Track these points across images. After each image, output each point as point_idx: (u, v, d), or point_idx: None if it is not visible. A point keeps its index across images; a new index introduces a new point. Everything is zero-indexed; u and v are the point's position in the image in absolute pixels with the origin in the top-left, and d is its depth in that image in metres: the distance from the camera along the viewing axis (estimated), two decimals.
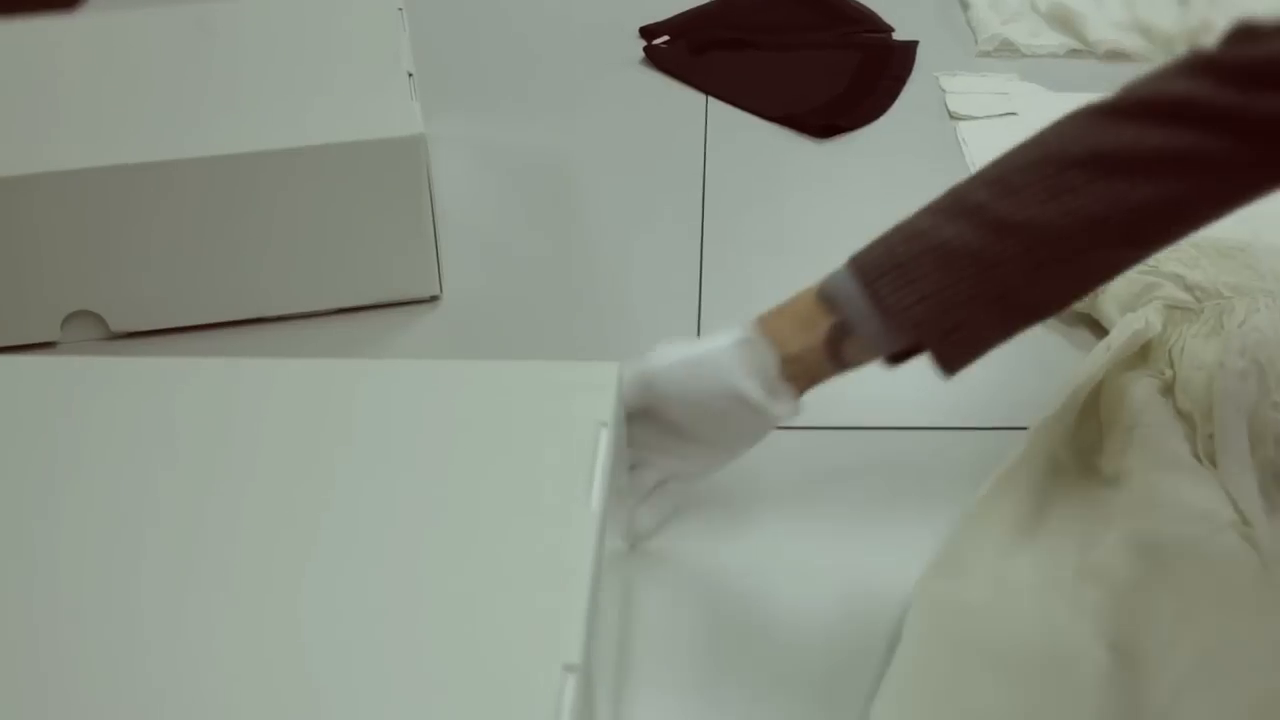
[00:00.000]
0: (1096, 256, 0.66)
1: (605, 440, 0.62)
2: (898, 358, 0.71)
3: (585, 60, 1.39)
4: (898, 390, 0.87)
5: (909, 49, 1.38)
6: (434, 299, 0.97)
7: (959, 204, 0.67)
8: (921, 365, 0.70)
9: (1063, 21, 1.42)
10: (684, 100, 1.29)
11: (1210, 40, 1.36)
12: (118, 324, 0.94)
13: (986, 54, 1.39)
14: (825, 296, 0.70)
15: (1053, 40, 1.40)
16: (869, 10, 1.48)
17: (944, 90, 1.29)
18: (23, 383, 0.68)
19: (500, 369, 0.67)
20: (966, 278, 0.66)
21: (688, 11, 1.49)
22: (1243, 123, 0.62)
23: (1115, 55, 1.37)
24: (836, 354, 0.70)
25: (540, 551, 0.55)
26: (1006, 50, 1.38)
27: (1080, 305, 0.92)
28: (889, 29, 1.44)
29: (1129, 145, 0.64)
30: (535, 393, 0.65)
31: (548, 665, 0.50)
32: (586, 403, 0.64)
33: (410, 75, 0.98)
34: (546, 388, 0.65)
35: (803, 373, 0.71)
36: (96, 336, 0.94)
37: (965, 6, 1.50)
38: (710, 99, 1.29)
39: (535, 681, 0.50)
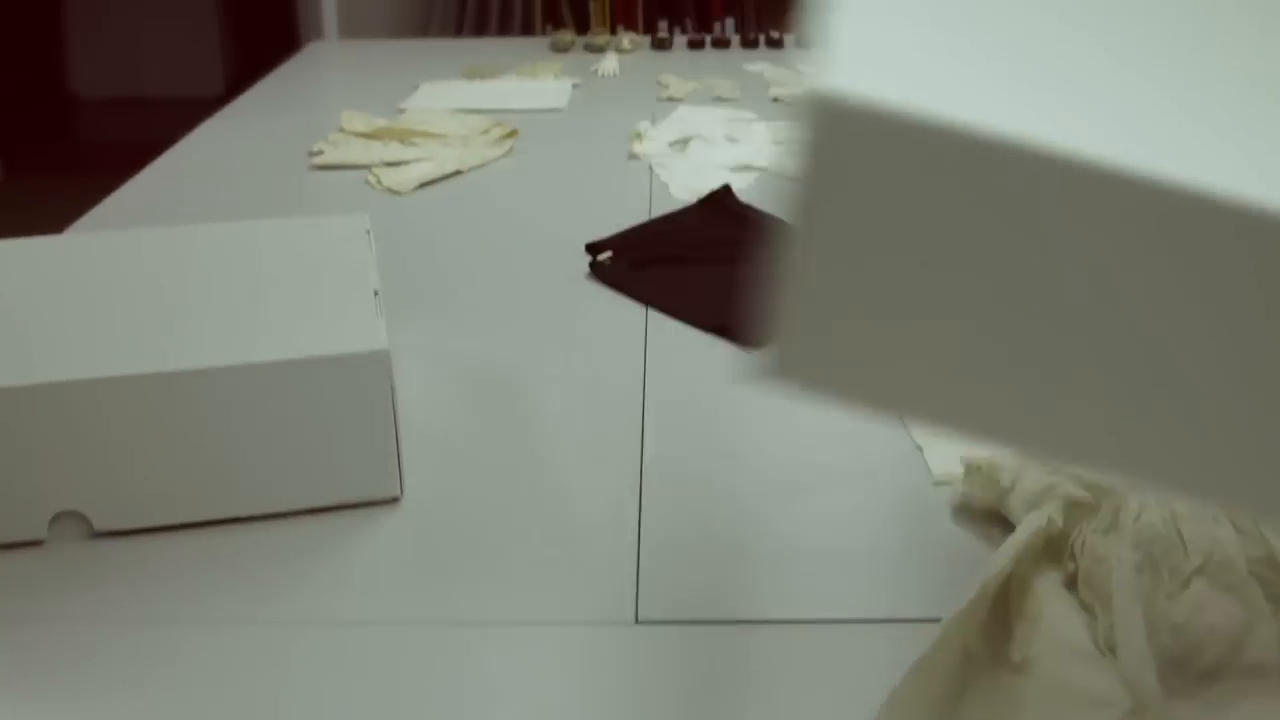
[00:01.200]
0: None
1: None
2: None
3: (536, 275, 1.42)
4: (807, 581, 0.88)
5: None
6: (395, 500, 0.98)
7: None
8: (833, 556, 0.71)
9: None
10: (626, 312, 1.32)
11: None
12: (102, 523, 0.94)
13: None
14: None
15: None
16: None
17: None
18: None
19: None
20: None
21: (630, 229, 1.52)
22: None
23: None
24: None
25: None
26: None
27: (991, 503, 0.93)
28: None
29: None
30: None
31: None
32: None
33: (376, 293, 1.00)
34: None
35: None
36: (82, 535, 0.94)
37: None
38: (650, 310, 1.32)
39: None
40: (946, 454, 1.01)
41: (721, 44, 2.77)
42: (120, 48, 5.83)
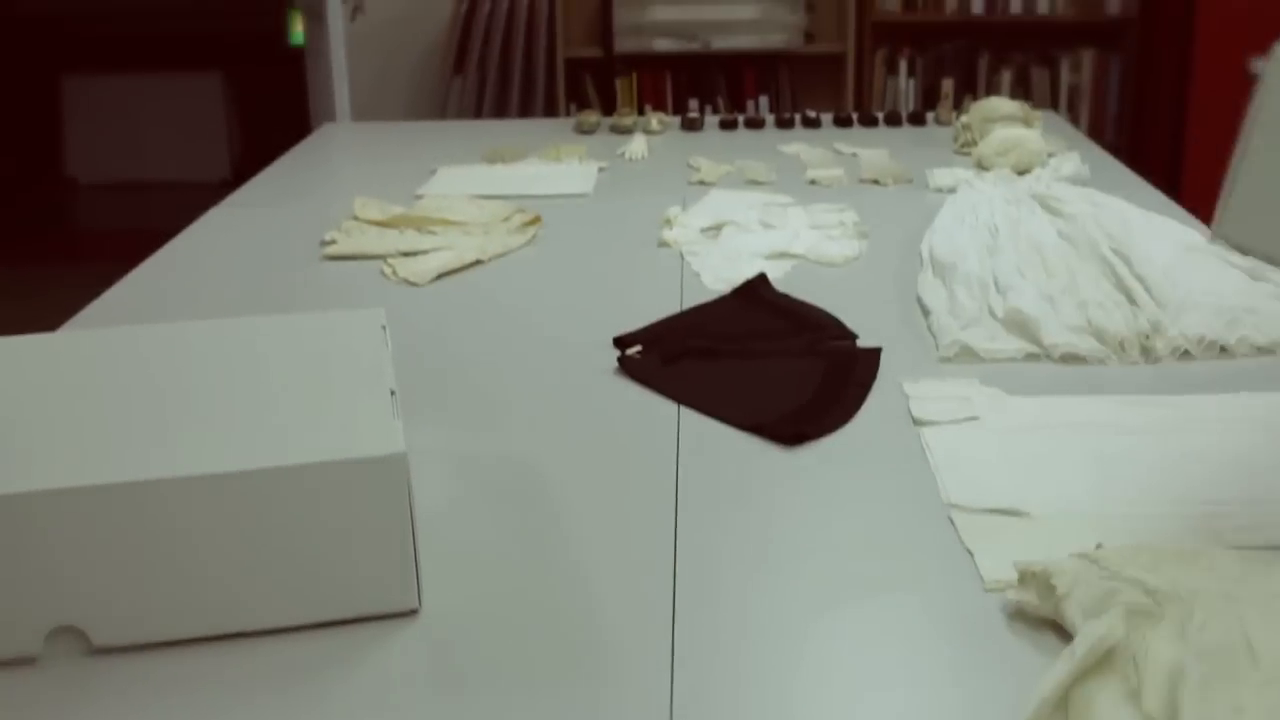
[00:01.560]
0: None
1: None
2: None
3: (562, 371, 1.43)
4: (852, 697, 0.88)
5: (873, 356, 1.43)
6: (413, 612, 0.98)
7: None
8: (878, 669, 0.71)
9: (1019, 326, 1.47)
10: (657, 409, 1.33)
11: (1161, 343, 1.41)
12: (100, 639, 0.95)
13: (948, 359, 1.43)
14: None
15: (1010, 345, 1.45)
16: (833, 318, 1.54)
17: (907, 396, 1.33)
18: None
19: None
20: None
21: (659, 322, 1.54)
22: None
23: (1070, 358, 1.42)
24: None
25: None
26: (966, 355, 1.43)
27: (1045, 610, 0.94)
28: (853, 336, 1.49)
29: None
30: None
31: None
32: None
33: (393, 392, 1.02)
34: None
35: None
36: (79, 652, 0.95)
37: (926, 313, 1.56)
38: (682, 407, 1.33)
39: None
40: (999, 559, 1.02)
41: (755, 124, 2.81)
42: (120, 130, 5.92)
